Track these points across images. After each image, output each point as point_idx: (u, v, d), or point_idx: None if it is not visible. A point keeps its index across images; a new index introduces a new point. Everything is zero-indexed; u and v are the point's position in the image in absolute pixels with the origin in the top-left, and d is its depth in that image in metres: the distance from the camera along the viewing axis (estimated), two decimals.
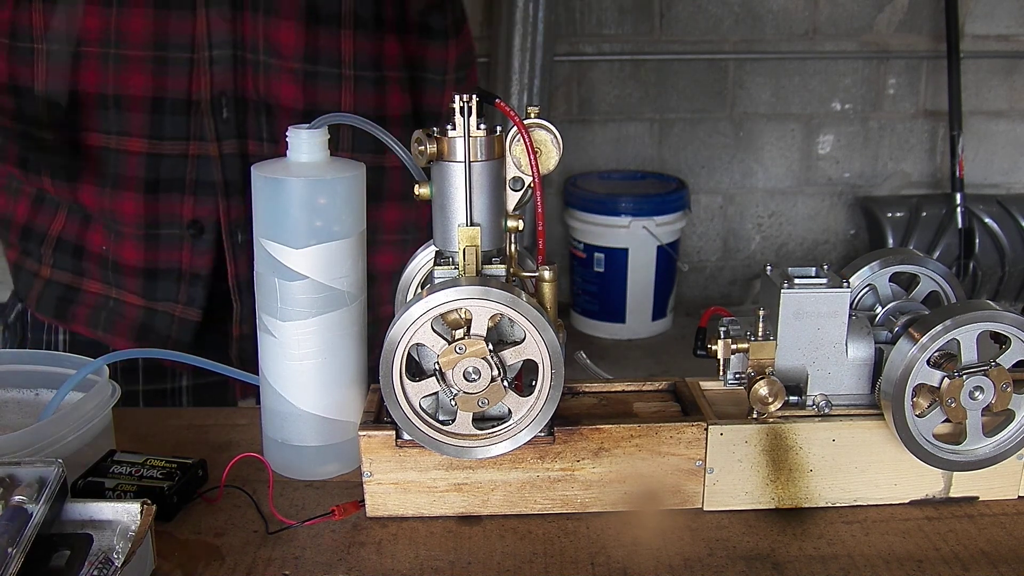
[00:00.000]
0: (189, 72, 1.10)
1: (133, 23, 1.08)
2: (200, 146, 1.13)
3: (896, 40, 3.56)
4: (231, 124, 1.12)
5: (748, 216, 3.75)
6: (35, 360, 0.91)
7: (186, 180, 1.13)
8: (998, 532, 0.78)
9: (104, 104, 1.12)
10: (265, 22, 1.09)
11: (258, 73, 1.11)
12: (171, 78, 1.10)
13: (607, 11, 3.47)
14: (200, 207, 1.14)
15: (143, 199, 1.13)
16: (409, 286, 0.86)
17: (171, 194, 1.13)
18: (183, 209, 1.14)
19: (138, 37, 1.09)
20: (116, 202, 1.14)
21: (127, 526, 0.69)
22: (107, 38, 1.10)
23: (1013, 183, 3.75)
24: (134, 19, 1.08)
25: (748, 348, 0.80)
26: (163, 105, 1.12)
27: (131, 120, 1.12)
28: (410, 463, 0.78)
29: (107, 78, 1.10)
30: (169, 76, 1.10)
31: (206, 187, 1.13)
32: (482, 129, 0.75)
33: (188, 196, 1.14)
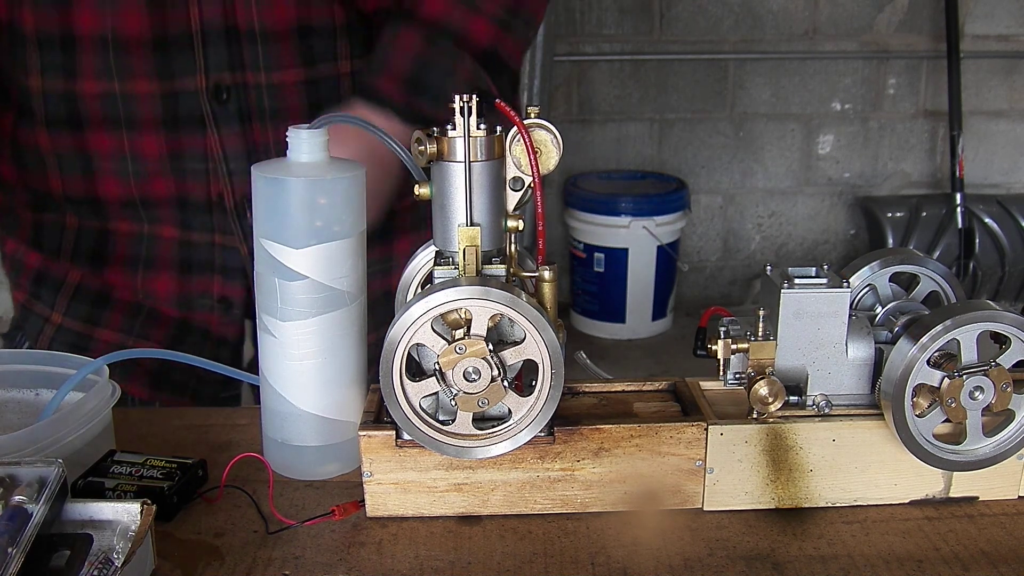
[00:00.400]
0: (206, 180, 1.13)
1: (147, 145, 1.11)
2: (226, 238, 1.16)
3: (896, 40, 3.56)
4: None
5: (748, 216, 3.75)
6: (35, 360, 0.91)
7: (215, 264, 1.17)
8: (998, 532, 0.78)
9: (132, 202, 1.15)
10: (274, 128, 1.11)
11: None
12: (190, 183, 1.13)
13: (607, 11, 3.47)
14: (228, 287, 1.18)
15: (177, 278, 1.17)
16: (409, 286, 0.86)
17: (203, 274, 1.18)
18: (212, 286, 1.18)
19: (153, 155, 1.12)
20: (148, 282, 1.18)
21: (127, 526, 0.69)
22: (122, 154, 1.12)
23: (1013, 183, 3.75)
24: (147, 141, 1.11)
25: (748, 348, 0.80)
26: (187, 204, 1.15)
27: (159, 214, 1.15)
28: (410, 463, 0.78)
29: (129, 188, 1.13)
30: (188, 182, 1.13)
31: (233, 272, 1.17)
32: (482, 129, 0.75)
33: (217, 276, 1.18)
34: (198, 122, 1.10)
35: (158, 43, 1.08)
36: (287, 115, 1.11)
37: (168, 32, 1.07)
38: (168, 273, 1.18)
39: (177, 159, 1.12)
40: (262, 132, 1.12)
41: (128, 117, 1.10)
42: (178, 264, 1.17)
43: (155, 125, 1.10)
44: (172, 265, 1.18)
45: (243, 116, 1.11)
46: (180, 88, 1.09)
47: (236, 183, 1.13)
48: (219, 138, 1.11)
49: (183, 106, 1.10)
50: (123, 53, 1.07)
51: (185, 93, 1.09)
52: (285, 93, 1.11)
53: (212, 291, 1.18)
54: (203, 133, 1.11)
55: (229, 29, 1.08)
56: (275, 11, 1.08)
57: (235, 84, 1.09)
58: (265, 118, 1.11)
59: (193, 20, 1.07)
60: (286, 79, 1.11)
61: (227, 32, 1.08)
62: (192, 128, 1.11)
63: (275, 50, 1.09)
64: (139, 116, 1.10)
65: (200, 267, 1.18)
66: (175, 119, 1.10)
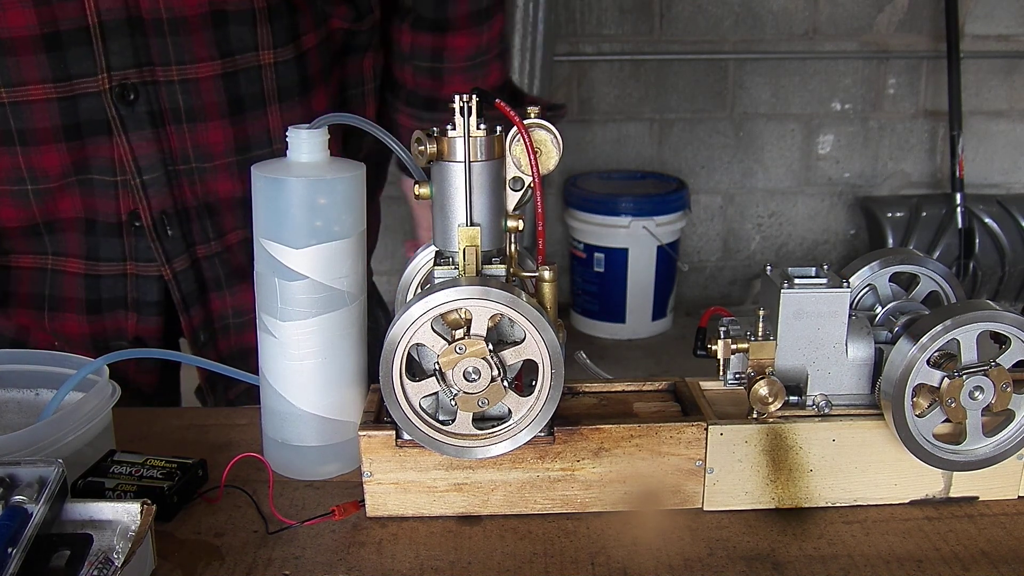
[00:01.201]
0: (116, 194, 1.04)
1: (46, 159, 1.01)
2: (140, 267, 1.07)
3: (896, 40, 3.56)
4: (178, 240, 1.07)
5: (748, 216, 3.74)
6: (35, 360, 0.91)
7: (127, 299, 1.09)
8: (998, 532, 0.78)
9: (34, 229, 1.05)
10: (191, 130, 1.03)
11: (194, 181, 1.06)
12: (99, 199, 1.04)
13: (607, 11, 3.47)
14: (143, 325, 1.09)
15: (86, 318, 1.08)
16: (409, 286, 0.86)
17: (114, 312, 1.09)
18: (126, 325, 1.09)
19: (55, 170, 1.01)
20: (56, 324, 1.09)
21: (127, 526, 0.69)
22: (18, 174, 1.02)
23: (1013, 183, 3.75)
24: (46, 155, 1.00)
25: (748, 348, 0.80)
26: (95, 226, 1.05)
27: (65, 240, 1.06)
28: (410, 463, 0.78)
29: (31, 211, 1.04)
30: (97, 198, 1.04)
31: (148, 307, 1.09)
32: (482, 129, 0.75)
33: (131, 313, 1.09)
34: (103, 128, 1.00)
35: (49, 41, 0.96)
36: (204, 114, 1.02)
37: (60, 27, 0.95)
38: (76, 314, 1.09)
39: (83, 172, 1.02)
40: (178, 136, 1.02)
41: (22, 130, 0.98)
42: (86, 303, 1.08)
43: (54, 136, 0.99)
44: (80, 304, 1.08)
45: (154, 118, 1.01)
46: (79, 90, 0.98)
47: (152, 196, 1.03)
48: (129, 146, 1.01)
49: (85, 111, 0.99)
50: (8, 56, 0.96)
51: (86, 96, 0.98)
52: (201, 89, 1.02)
53: (126, 331, 1.09)
54: (109, 141, 1.01)
55: (132, 19, 0.97)
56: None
57: (143, 82, 0.99)
58: (181, 119, 1.02)
59: (88, 11, 0.95)
60: (201, 73, 1.01)
61: (129, 23, 0.97)
62: (97, 136, 1.00)
63: (186, 41, 0.99)
64: (34, 127, 0.98)
65: (111, 304, 1.09)
66: (76, 127, 1.00)
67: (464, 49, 1.19)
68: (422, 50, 1.19)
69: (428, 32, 1.17)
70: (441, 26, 1.17)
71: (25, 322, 1.11)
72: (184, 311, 1.09)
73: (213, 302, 1.12)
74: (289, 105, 1.08)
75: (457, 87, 1.18)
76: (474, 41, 1.18)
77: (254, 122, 1.06)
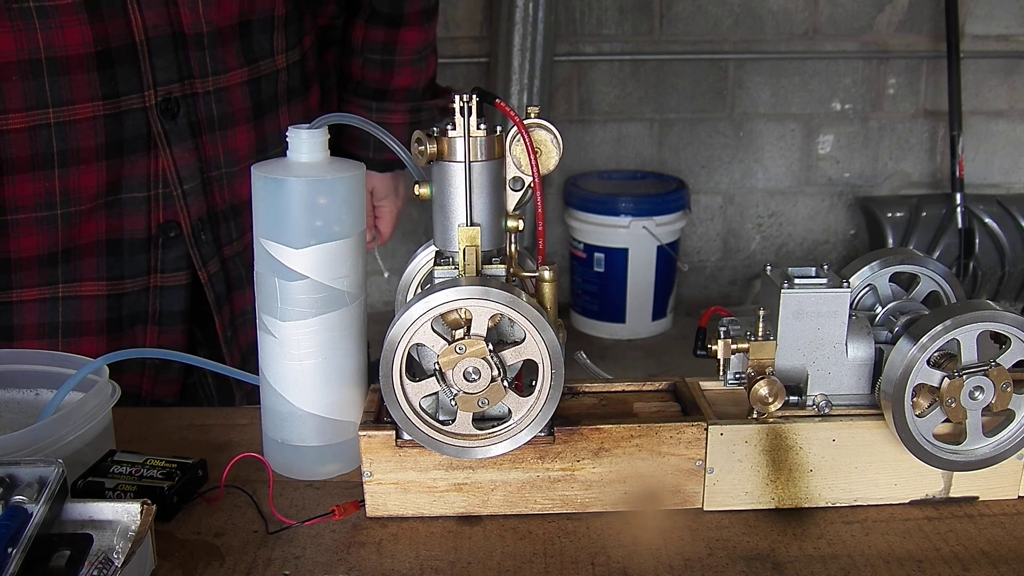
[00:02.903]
0: (147, 209, 1.04)
1: (84, 179, 1.00)
2: (166, 278, 1.07)
3: (896, 40, 3.56)
4: (210, 244, 1.09)
5: (748, 216, 3.74)
6: (35, 360, 0.91)
7: (148, 313, 1.09)
8: (998, 532, 0.78)
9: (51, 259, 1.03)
10: (222, 136, 1.05)
11: (223, 185, 1.08)
12: (128, 218, 1.04)
13: (607, 11, 3.47)
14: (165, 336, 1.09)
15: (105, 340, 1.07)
16: (409, 286, 0.86)
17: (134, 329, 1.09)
18: (145, 342, 1.09)
19: (90, 192, 1.01)
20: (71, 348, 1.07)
21: (127, 526, 0.69)
22: (49, 199, 1.00)
23: (1013, 183, 3.75)
24: (84, 175, 1.00)
25: (748, 348, 0.80)
26: (120, 246, 1.05)
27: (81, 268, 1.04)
28: (410, 463, 0.78)
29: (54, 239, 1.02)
30: (125, 217, 1.04)
31: (172, 318, 1.09)
32: (482, 129, 0.75)
33: (151, 327, 1.09)
34: (143, 144, 1.01)
35: (102, 58, 0.96)
36: (233, 120, 1.05)
37: (111, 44, 0.96)
38: (95, 336, 1.07)
39: (114, 192, 1.02)
40: (211, 144, 1.05)
41: (63, 151, 0.98)
42: (106, 323, 1.07)
43: (96, 155, 0.99)
44: (99, 326, 1.07)
45: (194, 129, 1.03)
46: (126, 107, 0.99)
47: (191, 204, 1.05)
48: (172, 158, 1.02)
49: (129, 128, 1.00)
50: (61, 75, 0.95)
51: (131, 112, 1.00)
52: (231, 97, 1.05)
53: (145, 347, 1.09)
54: (146, 156, 1.02)
55: (175, 35, 0.99)
56: (221, 8, 1.01)
57: (184, 95, 1.01)
58: (215, 127, 1.05)
59: (136, 28, 0.97)
60: (231, 82, 1.05)
61: (173, 38, 0.99)
62: (136, 152, 1.01)
63: (220, 53, 1.03)
64: (76, 147, 0.98)
65: (132, 321, 1.08)
66: (119, 144, 1.00)
67: (413, 43, 1.25)
68: (374, 44, 1.25)
69: (382, 27, 1.24)
70: (395, 22, 1.23)
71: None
72: (217, 312, 1.11)
73: (236, 300, 1.15)
74: (295, 104, 1.13)
75: (405, 79, 1.26)
76: (423, 36, 1.26)
77: (271, 123, 1.10)
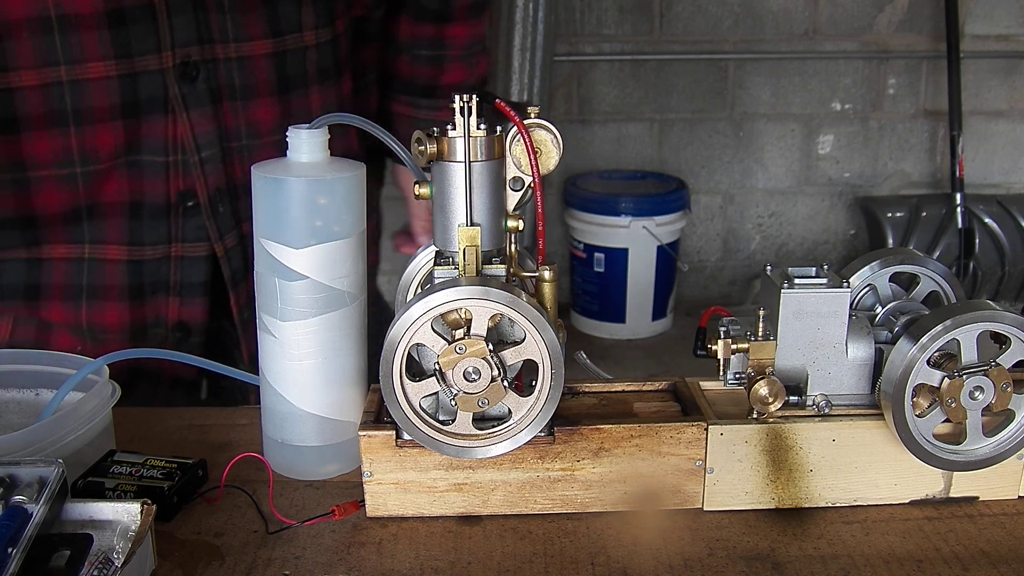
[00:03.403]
0: (166, 175, 1.03)
1: (100, 139, 0.99)
2: (186, 248, 1.07)
3: (896, 40, 3.56)
4: (228, 217, 1.08)
5: (748, 216, 3.74)
6: (35, 360, 0.91)
7: (170, 282, 1.08)
8: (998, 532, 0.78)
9: (76, 215, 1.03)
10: (244, 107, 1.04)
11: (243, 158, 1.06)
12: (148, 181, 1.03)
13: (607, 11, 3.47)
14: (187, 308, 1.09)
15: (127, 305, 1.07)
16: (409, 286, 0.86)
17: (156, 297, 1.08)
18: (167, 311, 1.09)
19: (107, 151, 1.00)
20: (93, 315, 1.07)
21: (127, 526, 0.69)
22: (68, 156, 1.00)
23: (1013, 183, 3.75)
24: (100, 135, 0.99)
25: (748, 348, 0.80)
26: (141, 210, 1.04)
27: (106, 228, 1.04)
28: (410, 463, 0.78)
29: (76, 196, 1.02)
30: (146, 180, 1.03)
31: (193, 289, 1.08)
32: (482, 129, 0.75)
33: (173, 298, 1.08)
34: (160, 107, 0.99)
35: (113, 17, 0.95)
36: (256, 91, 1.04)
37: (124, 3, 0.95)
38: (117, 302, 1.07)
39: (134, 152, 1.01)
40: (232, 113, 1.03)
41: (78, 109, 0.97)
42: (128, 289, 1.07)
43: (111, 114, 0.98)
44: (121, 292, 1.06)
45: (213, 95, 1.01)
46: (141, 68, 0.97)
47: (209, 173, 1.03)
48: (190, 123, 1.00)
49: (144, 89, 0.98)
50: (71, 33, 0.94)
51: (147, 73, 0.98)
52: (254, 67, 1.03)
53: (167, 317, 1.08)
54: (164, 120, 1.00)
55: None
56: None
57: (204, 60, 0.99)
58: (236, 96, 1.03)
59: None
60: (255, 52, 1.02)
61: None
62: (153, 115, 1.00)
63: (242, 19, 1.00)
64: (92, 106, 0.97)
65: (153, 289, 1.07)
66: (135, 105, 0.99)
67: (462, 38, 1.24)
68: (422, 40, 1.23)
69: (430, 23, 1.22)
70: (444, 16, 1.22)
71: (54, 317, 1.08)
72: (233, 288, 1.10)
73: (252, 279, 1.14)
74: (326, 87, 1.11)
75: (455, 75, 1.24)
76: (471, 31, 1.24)
77: (298, 101, 1.08)
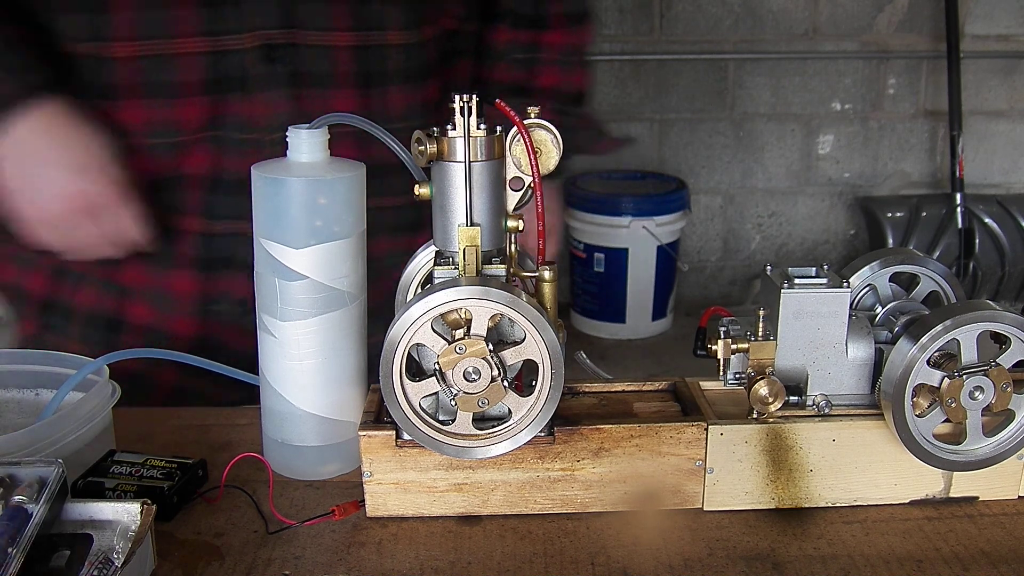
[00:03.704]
0: (244, 152, 1.05)
1: (186, 112, 1.04)
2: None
3: (896, 40, 3.56)
4: None
5: (748, 216, 3.74)
6: (35, 360, 0.91)
7: (237, 259, 1.09)
8: (998, 532, 0.78)
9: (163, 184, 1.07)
10: (322, 95, 1.06)
11: None
12: (227, 157, 1.06)
13: (607, 11, 3.47)
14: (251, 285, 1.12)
15: (199, 277, 1.10)
16: (409, 286, 0.86)
17: (225, 272, 1.11)
18: (234, 286, 1.10)
19: (192, 124, 1.05)
20: (166, 282, 1.10)
21: (127, 526, 0.69)
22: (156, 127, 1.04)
23: (1013, 183, 3.75)
24: (188, 108, 1.04)
25: (748, 348, 0.80)
26: (219, 184, 1.07)
27: (186, 199, 1.08)
28: (410, 463, 0.78)
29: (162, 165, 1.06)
30: (225, 155, 1.06)
31: None
32: (482, 129, 0.75)
33: (240, 274, 1.09)
34: (242, 86, 1.03)
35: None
36: (336, 82, 1.06)
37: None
38: (189, 270, 1.10)
39: (217, 128, 1.05)
40: (309, 100, 1.05)
41: (167, 82, 1.02)
42: (199, 261, 1.10)
43: (197, 90, 1.02)
44: (191, 262, 1.10)
45: (293, 80, 1.04)
46: (225, 46, 1.01)
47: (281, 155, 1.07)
48: (266, 104, 1.03)
49: (228, 67, 1.02)
50: (165, 9, 1.00)
51: (231, 52, 1.01)
52: (336, 57, 1.05)
53: (233, 292, 1.10)
54: (242, 99, 1.04)
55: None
56: None
57: (285, 44, 1.02)
58: (314, 84, 1.05)
59: None
60: (337, 42, 1.04)
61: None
62: (235, 92, 1.03)
63: (328, 9, 1.03)
64: (179, 80, 1.02)
65: (222, 264, 1.10)
66: (218, 82, 1.03)
67: (558, 45, 1.25)
68: (518, 45, 1.24)
69: (526, 29, 1.24)
70: (539, 23, 1.24)
71: (130, 281, 1.11)
72: None
73: None
74: (408, 89, 1.12)
75: (548, 78, 1.25)
76: (567, 39, 1.25)
77: (377, 98, 1.10)
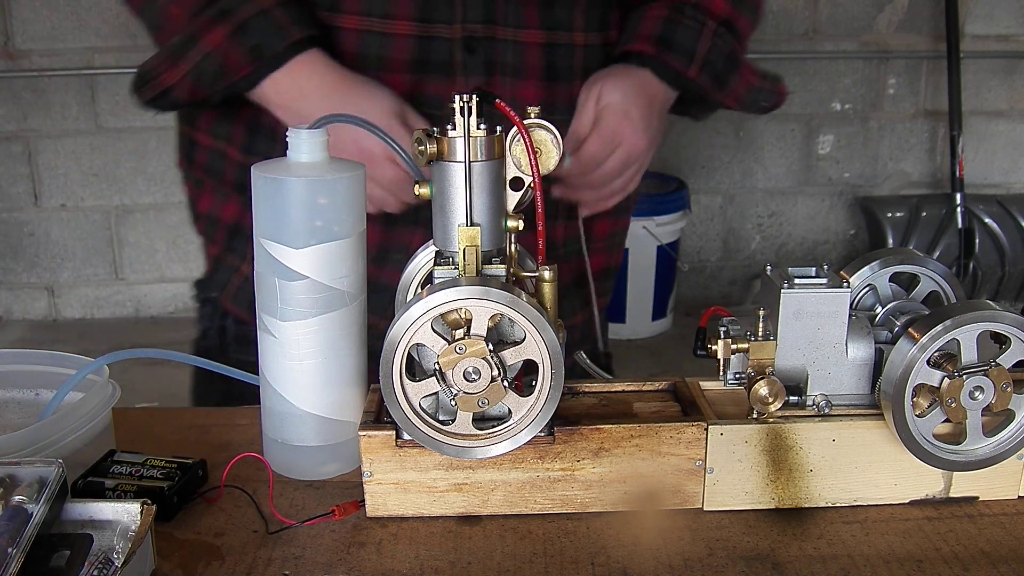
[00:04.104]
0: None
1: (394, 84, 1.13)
2: None
3: (896, 40, 3.56)
4: None
5: (748, 216, 3.75)
6: (35, 360, 0.91)
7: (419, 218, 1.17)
8: (998, 532, 0.78)
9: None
10: (513, 84, 1.17)
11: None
12: None
13: None
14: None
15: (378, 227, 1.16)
16: (409, 286, 0.86)
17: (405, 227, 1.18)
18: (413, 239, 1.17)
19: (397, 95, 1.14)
20: None
21: (127, 526, 0.69)
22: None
23: (1013, 183, 3.75)
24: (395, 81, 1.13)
25: (748, 348, 0.80)
26: None
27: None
28: (410, 463, 0.78)
29: None
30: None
31: None
32: (482, 129, 0.75)
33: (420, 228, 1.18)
34: (443, 69, 1.15)
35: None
36: (526, 72, 1.18)
37: None
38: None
39: (416, 103, 1.15)
40: (501, 87, 1.17)
41: (380, 56, 1.14)
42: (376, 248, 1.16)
43: (405, 67, 1.14)
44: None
45: (489, 69, 1.16)
46: (435, 34, 1.14)
47: None
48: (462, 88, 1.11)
49: (434, 51, 1.15)
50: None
51: (438, 39, 1.14)
52: (527, 52, 1.18)
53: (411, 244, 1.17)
54: (444, 80, 1.15)
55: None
56: None
57: (485, 37, 1.15)
58: (507, 72, 1.17)
59: None
60: (528, 39, 1.17)
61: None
62: (436, 74, 1.15)
63: (523, 11, 1.17)
64: (391, 56, 1.14)
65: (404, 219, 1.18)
66: (424, 63, 1.15)
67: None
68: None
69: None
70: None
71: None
72: None
73: None
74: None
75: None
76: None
77: (562, 91, 1.21)
